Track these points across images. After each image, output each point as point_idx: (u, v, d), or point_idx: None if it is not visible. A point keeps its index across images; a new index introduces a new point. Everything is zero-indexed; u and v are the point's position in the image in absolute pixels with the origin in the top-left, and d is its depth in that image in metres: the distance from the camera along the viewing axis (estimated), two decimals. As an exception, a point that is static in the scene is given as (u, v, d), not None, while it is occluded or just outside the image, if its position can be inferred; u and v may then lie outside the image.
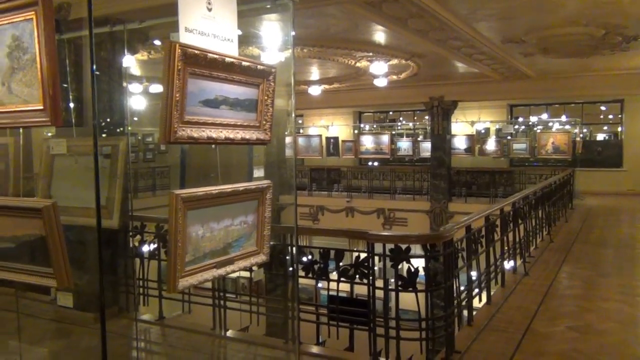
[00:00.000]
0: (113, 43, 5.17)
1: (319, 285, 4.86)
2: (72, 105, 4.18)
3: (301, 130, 19.76)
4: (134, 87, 11.24)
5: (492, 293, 5.57)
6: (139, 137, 16.41)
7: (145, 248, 5.37)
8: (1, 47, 2.01)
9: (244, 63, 2.31)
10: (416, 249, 4.33)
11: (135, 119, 14.73)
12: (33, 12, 1.88)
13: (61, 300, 2.10)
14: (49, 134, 4.55)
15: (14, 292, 4.60)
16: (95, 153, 2.10)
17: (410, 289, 4.22)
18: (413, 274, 4.22)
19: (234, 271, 2.37)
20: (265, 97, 2.49)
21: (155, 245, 5.28)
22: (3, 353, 4.30)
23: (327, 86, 15.41)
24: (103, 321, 2.15)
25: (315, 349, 4.64)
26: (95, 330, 4.85)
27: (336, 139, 18.71)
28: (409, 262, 4.25)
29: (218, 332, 5.00)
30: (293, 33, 2.87)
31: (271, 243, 2.71)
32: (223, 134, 2.26)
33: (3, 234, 2.10)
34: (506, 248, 6.27)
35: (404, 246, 4.25)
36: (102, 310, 2.19)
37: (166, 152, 17.85)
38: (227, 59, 2.21)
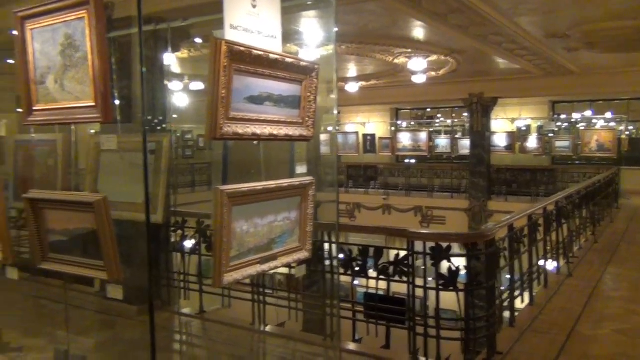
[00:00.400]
0: (156, 41, 5.27)
1: (355, 282, 4.83)
2: (117, 102, 4.28)
3: (338, 128, 19.74)
4: (174, 85, 11.43)
5: (534, 294, 5.45)
6: (178, 134, 16.70)
7: (187, 243, 5.47)
8: (54, 46, 2.07)
9: (287, 60, 2.32)
10: (455, 247, 4.27)
11: (175, 116, 15.00)
12: (85, 11, 1.93)
13: (111, 292, 2.16)
14: (92, 131, 4.68)
15: (62, 284, 4.76)
16: (145, 150, 2.14)
17: (452, 288, 4.17)
18: (454, 272, 4.16)
19: (277, 267, 2.39)
20: (308, 94, 2.49)
21: (196, 240, 5.38)
22: (52, 343, 4.45)
23: (364, 83, 15.35)
24: (152, 315, 2.19)
25: (352, 346, 4.63)
26: (139, 323, 4.98)
27: (373, 136, 18.61)
28: (449, 260, 4.20)
29: (257, 327, 5.05)
30: (336, 29, 2.87)
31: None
32: (267, 130, 2.27)
33: (56, 227, 2.16)
34: (549, 248, 6.12)
35: (444, 245, 4.20)
36: (151, 305, 2.24)
37: (205, 149, 18.10)
38: (272, 56, 2.22)
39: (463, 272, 4.22)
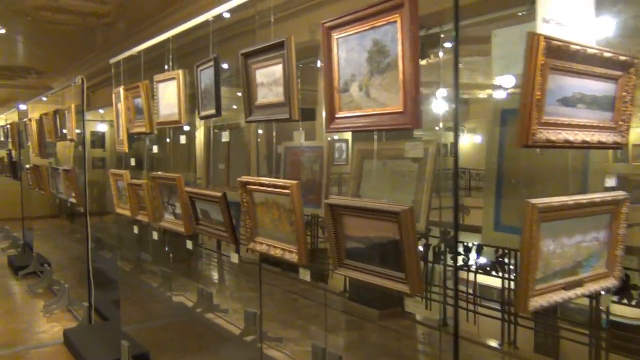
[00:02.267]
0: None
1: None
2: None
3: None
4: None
5: None
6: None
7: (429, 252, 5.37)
8: (362, 53, 2.07)
9: (605, 54, 1.99)
10: None
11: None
12: (397, 15, 1.88)
13: (410, 307, 2.10)
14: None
15: (311, 281, 5.02)
16: (456, 154, 2.01)
17: None
18: None
19: (583, 295, 2.07)
20: (624, 93, 2.12)
21: (440, 250, 5.23)
22: (305, 337, 4.72)
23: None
24: (456, 346, 2.08)
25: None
26: (381, 327, 5.01)
27: None
28: None
29: (506, 349, 4.68)
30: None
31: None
32: (579, 136, 1.98)
33: (354, 233, 2.17)
34: None
35: None
36: (456, 334, 2.13)
37: (445, 156, 17.91)
38: (589, 50, 1.92)
39: None
